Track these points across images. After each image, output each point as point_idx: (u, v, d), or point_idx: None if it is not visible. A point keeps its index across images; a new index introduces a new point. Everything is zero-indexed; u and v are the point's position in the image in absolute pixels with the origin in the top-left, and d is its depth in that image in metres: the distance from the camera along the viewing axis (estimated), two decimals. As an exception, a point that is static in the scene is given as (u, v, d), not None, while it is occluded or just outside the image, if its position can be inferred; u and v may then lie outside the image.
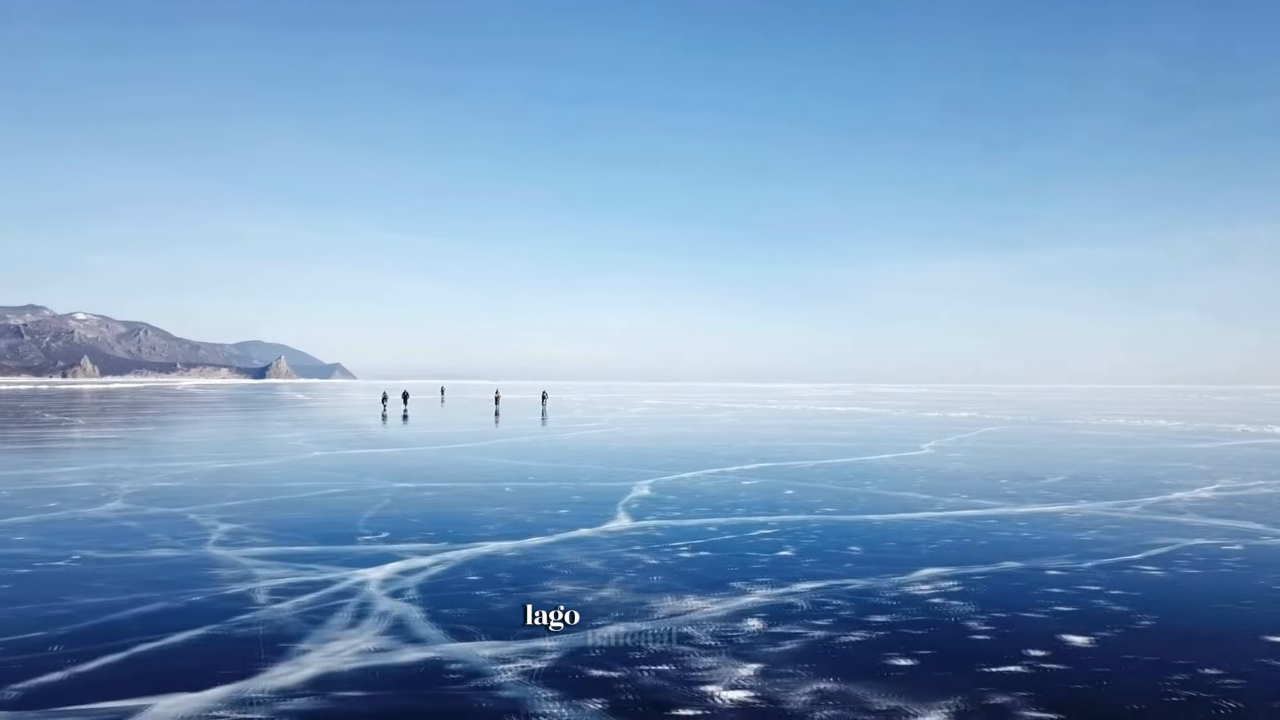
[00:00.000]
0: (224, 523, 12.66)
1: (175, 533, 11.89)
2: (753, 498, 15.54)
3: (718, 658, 6.63)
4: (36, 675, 6.19)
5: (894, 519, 13.35)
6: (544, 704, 5.70)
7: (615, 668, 6.41)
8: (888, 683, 6.10)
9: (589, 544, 11.23)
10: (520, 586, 8.94)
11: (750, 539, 11.62)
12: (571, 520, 13.00)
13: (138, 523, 12.68)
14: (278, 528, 12.33)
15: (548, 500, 15.18)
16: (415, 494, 15.97)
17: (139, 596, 8.44)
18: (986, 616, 7.85)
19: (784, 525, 12.66)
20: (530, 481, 18.04)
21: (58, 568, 9.76)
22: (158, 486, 16.63)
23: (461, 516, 13.46)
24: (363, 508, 14.23)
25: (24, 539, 11.44)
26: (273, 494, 15.78)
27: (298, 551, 10.73)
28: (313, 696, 5.84)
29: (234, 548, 10.91)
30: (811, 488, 17.05)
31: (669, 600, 8.39)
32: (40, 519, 12.92)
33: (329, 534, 11.94)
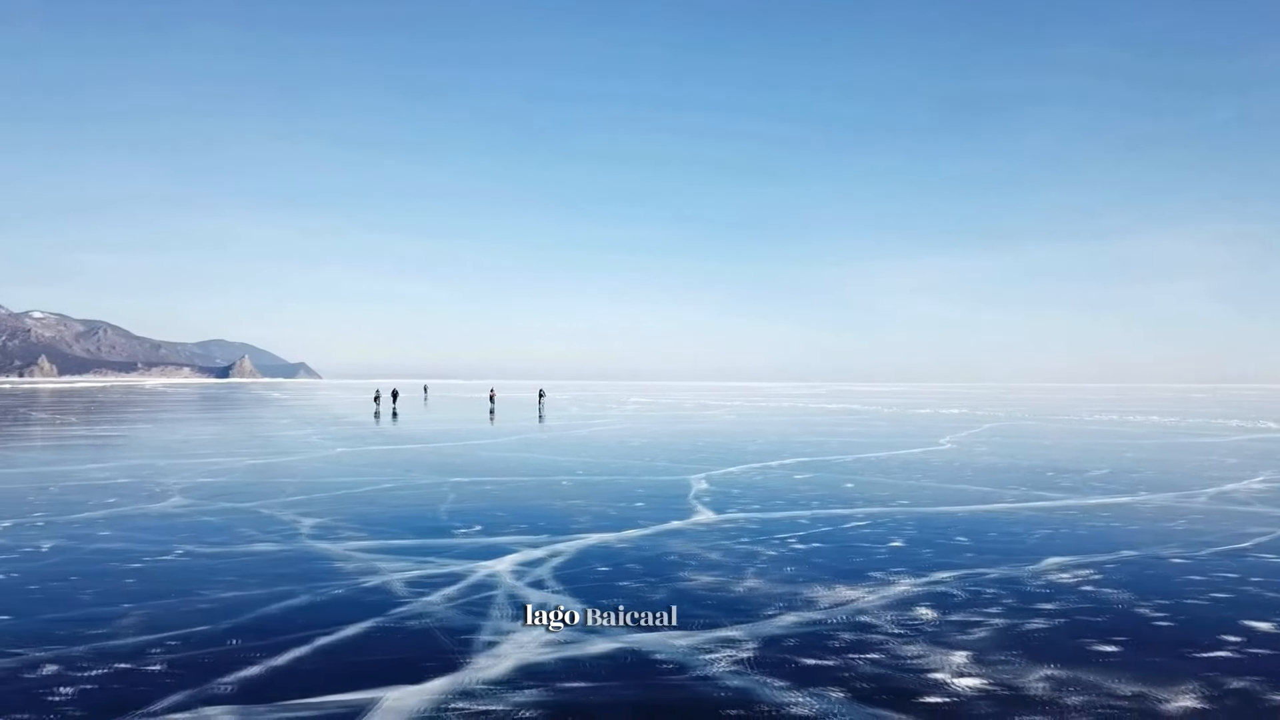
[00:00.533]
0: (303, 517, 12.40)
1: (261, 528, 11.62)
2: (817, 491, 15.51)
3: (920, 646, 6.57)
4: (234, 670, 6.01)
5: (973, 510, 13.40)
6: (781, 693, 5.60)
7: (825, 656, 6.33)
8: (1110, 669, 6.07)
9: (693, 536, 11.12)
10: (659, 577, 8.83)
11: (850, 531, 11.58)
12: (654, 513, 12.89)
13: (215, 518, 12.38)
14: (362, 522, 12.10)
15: (612, 494, 15.05)
16: (476, 488, 15.77)
17: (276, 590, 8.21)
18: (1152, 603, 7.86)
19: (871, 517, 12.63)
20: (581, 476, 17.89)
21: (169, 563, 9.49)
22: (205, 483, 16.26)
23: (540, 509, 13.30)
24: (432, 502, 14.03)
25: (110, 534, 11.13)
26: (331, 489, 15.50)
27: (401, 545, 10.52)
28: (536, 688, 5.70)
29: (333, 541, 10.68)
30: (867, 481, 17.07)
31: (820, 590, 8.32)
32: (112, 515, 12.58)
33: (419, 527, 11.74)
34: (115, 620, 7.19)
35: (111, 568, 9.20)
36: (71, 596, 8.01)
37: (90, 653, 6.32)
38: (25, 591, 8.19)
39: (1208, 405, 68.70)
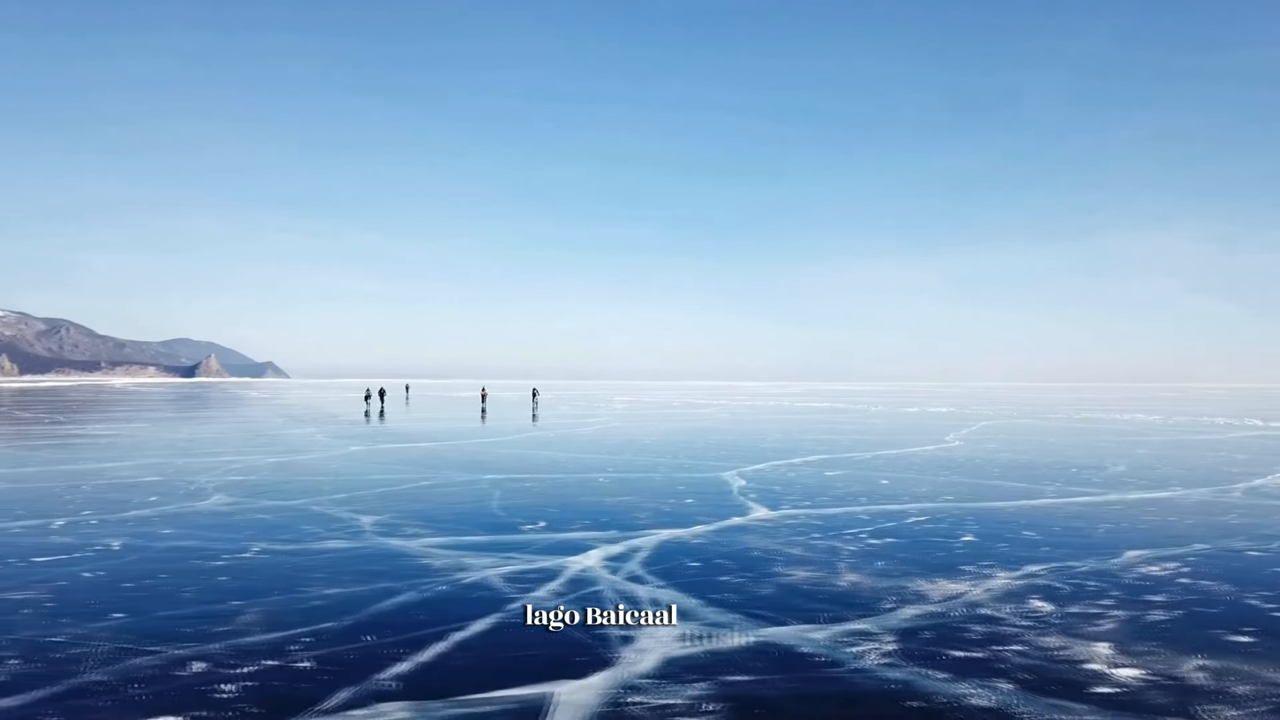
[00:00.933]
0: (359, 515, 12.29)
1: (323, 525, 11.49)
2: (857, 488, 15.59)
3: (1057, 637, 6.63)
4: (385, 666, 5.95)
5: (1021, 505, 13.54)
6: (947, 685, 5.62)
7: (969, 648, 6.36)
8: (1258, 659, 6.15)
9: (763, 532, 11.15)
10: (755, 572, 8.86)
11: (915, 526, 11.67)
12: (710, 510, 12.92)
13: (269, 516, 12.22)
14: (421, 519, 12.01)
15: (656, 491, 15.05)
16: (518, 485, 15.70)
17: (378, 588, 8.12)
18: (1259, 595, 7.98)
19: (927, 513, 12.74)
20: (613, 473, 17.87)
21: (253, 560, 9.35)
22: (238, 481, 16.04)
23: (594, 506, 13.28)
24: (481, 498, 13.96)
25: (174, 532, 10.95)
26: (370, 486, 15.35)
27: (475, 541, 10.46)
28: (698, 680, 5.68)
29: (404, 538, 10.58)
30: (901, 478, 17.19)
31: (922, 584, 8.37)
32: (163, 513, 12.41)
33: (483, 524, 11.68)
34: (234, 617, 7.07)
35: (196, 565, 9.04)
36: (174, 594, 7.86)
37: (230, 650, 6.21)
38: (124, 589, 8.02)
39: (1180, 404, 69.81)
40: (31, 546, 9.92)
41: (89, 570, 8.76)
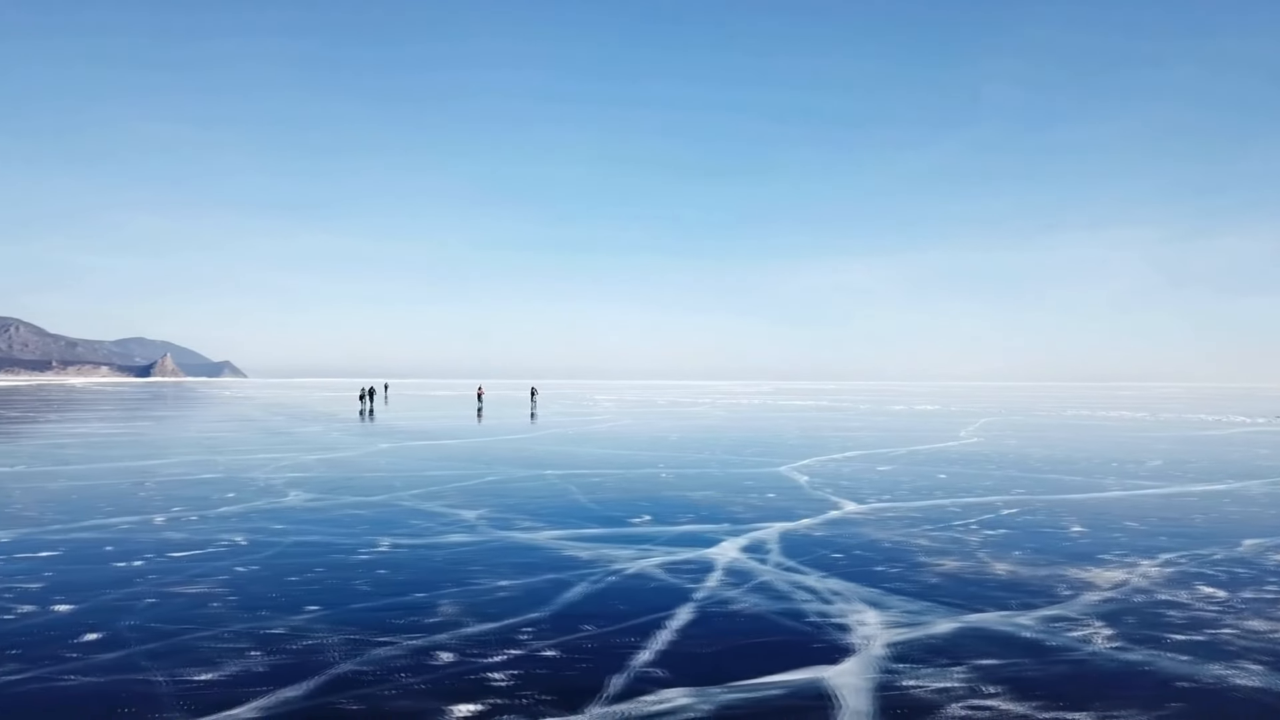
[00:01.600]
0: (455, 509, 12.26)
1: (429, 519, 11.45)
2: (921, 481, 15.82)
3: (1263, 621, 6.79)
4: (632, 654, 5.99)
5: (1100, 498, 13.86)
6: (1192, 665, 5.75)
7: (1184, 631, 6.54)
8: None
9: (873, 524, 11.29)
10: (904, 563, 8.99)
11: (1017, 518, 11.90)
12: (800, 503, 13.09)
13: (367, 511, 12.14)
14: (523, 512, 12.02)
15: (728, 486, 15.16)
16: (587, 480, 15.71)
17: (547, 579, 8.14)
18: None
19: (1017, 505, 12.97)
20: (670, 469, 17.94)
21: (396, 555, 9.31)
22: (302, 478, 15.89)
23: (683, 500, 13.34)
24: (561, 493, 13.99)
25: (287, 528, 10.83)
26: (441, 482, 15.28)
27: (597, 533, 10.51)
28: (952, 665, 5.77)
29: (524, 531, 10.58)
30: (953, 472, 17.44)
31: (1075, 571, 8.56)
32: (257, 509, 12.28)
33: (588, 517, 11.72)
34: (433, 609, 7.05)
35: (342, 559, 8.97)
36: (348, 587, 7.80)
37: (465, 640, 6.21)
38: (292, 583, 7.94)
39: (1161, 401, 71.30)
40: (155, 542, 9.76)
41: (239, 565, 8.64)
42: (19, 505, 12.44)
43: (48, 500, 12.92)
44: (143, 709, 4.90)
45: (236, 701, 5.00)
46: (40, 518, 11.38)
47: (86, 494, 13.59)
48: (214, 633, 6.32)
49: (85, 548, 9.46)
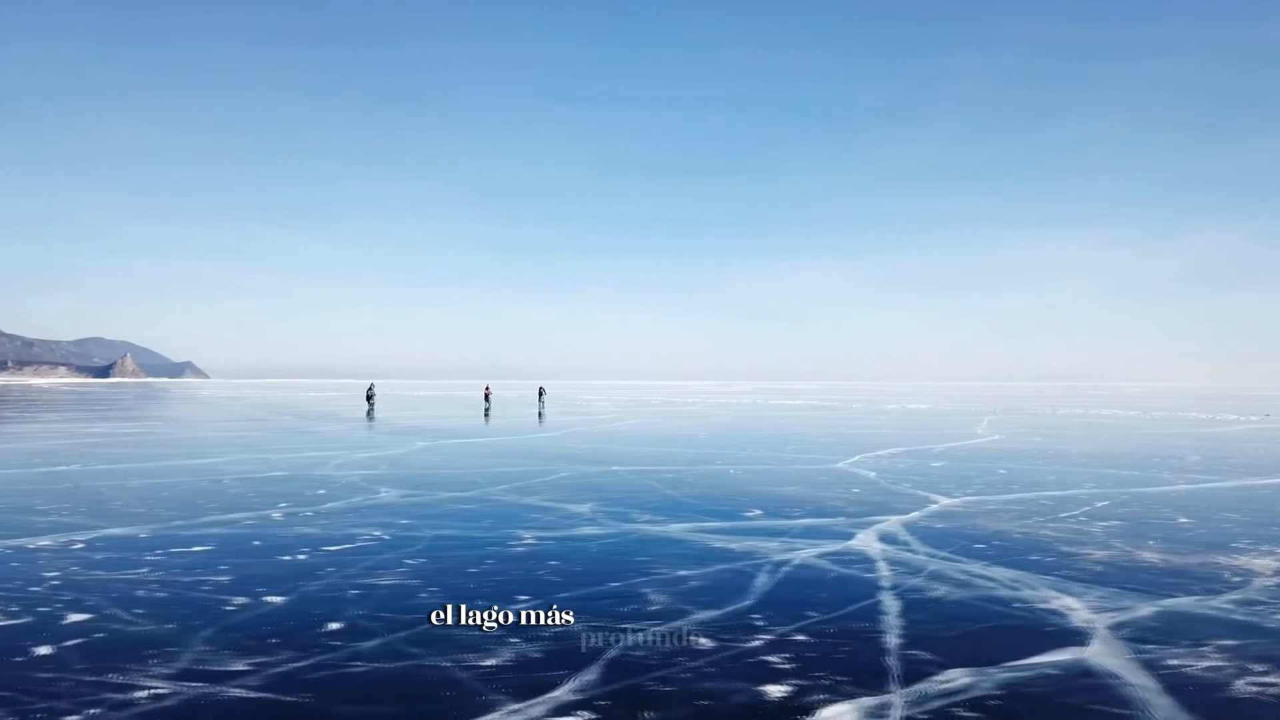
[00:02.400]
0: (562, 503, 12.31)
1: (549, 514, 11.55)
2: (985, 476, 16.14)
3: None
4: (876, 639, 6.13)
5: (1184, 490, 14.16)
6: None
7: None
8: None
9: (984, 515, 11.53)
10: (1054, 552, 9.19)
11: (1118, 510, 12.21)
12: (893, 498, 13.35)
13: (477, 506, 12.19)
14: (633, 505, 12.15)
15: (808, 481, 15.37)
16: (664, 476, 15.87)
17: (720, 569, 8.30)
18: None
19: (1099, 497, 13.31)
20: (738, 465, 18.12)
21: (551, 545, 9.40)
22: (380, 474, 15.87)
23: (778, 495, 13.53)
24: (648, 489, 14.12)
25: (414, 522, 10.84)
26: (521, 478, 15.33)
27: (725, 526, 10.67)
28: (1203, 645, 5.95)
29: (649, 524, 10.72)
30: (1010, 467, 17.81)
31: (1227, 559, 8.81)
32: (364, 505, 12.27)
33: (701, 511, 11.88)
34: (643, 596, 7.14)
35: (501, 551, 9.07)
36: (537, 578, 7.87)
37: (704, 626, 6.32)
38: (476, 574, 8.01)
39: (1138, 400, 72.62)
40: (297, 537, 9.76)
41: (406, 558, 8.68)
42: (121, 503, 12.33)
43: (145, 498, 12.81)
44: (464, 693, 4.95)
45: (549, 686, 5.07)
46: (154, 515, 11.32)
47: (177, 491, 13.48)
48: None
49: (234, 542, 9.43)
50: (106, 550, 8.99)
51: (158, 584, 7.54)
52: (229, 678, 5.17)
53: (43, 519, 10.93)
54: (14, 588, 7.40)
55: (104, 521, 10.78)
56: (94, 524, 10.58)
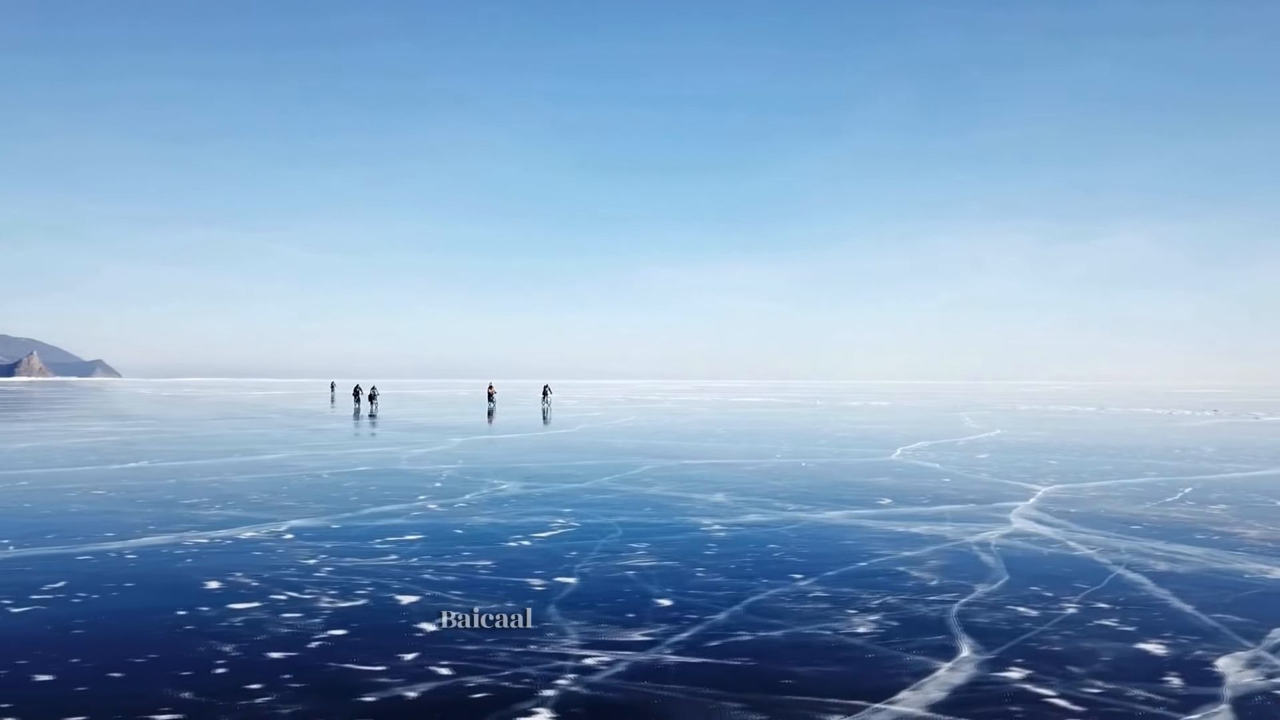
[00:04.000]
0: (694, 494, 12.64)
1: (695, 504, 11.88)
2: (1039, 466, 16.97)
3: None
4: (1156, 614, 6.63)
5: (1248, 477, 15.23)
6: None
7: None
8: None
9: (1100, 501, 12.27)
10: (1218, 532, 9.91)
11: (1215, 494, 13.08)
12: (994, 488, 14.05)
13: (613, 496, 12.54)
14: (764, 494, 12.53)
15: (887, 472, 16.04)
16: (755, 468, 16.36)
17: (927, 551, 8.75)
18: None
19: (1187, 483, 14.20)
20: (796, 459, 18.73)
21: (735, 532, 9.76)
22: (471, 467, 16.06)
23: (874, 485, 14.11)
24: (759, 480, 14.49)
25: (578, 510, 11.10)
26: (622, 470, 15.70)
27: (876, 513, 11.15)
28: None
29: (809, 512, 11.16)
30: (1060, 458, 18.71)
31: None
32: (501, 496, 12.50)
33: (831, 499, 12.34)
34: (896, 575, 7.60)
35: (706, 536, 9.44)
36: (774, 559, 8.28)
37: (982, 603, 6.78)
38: (723, 558, 8.41)
39: (1076, 397, 75.39)
40: (495, 527, 9.99)
41: (635, 543, 8.97)
42: (262, 496, 12.36)
43: (276, 492, 12.87)
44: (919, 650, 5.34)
45: (921, 674, 5.50)
46: (311, 508, 11.40)
47: (297, 486, 13.57)
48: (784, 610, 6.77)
49: (442, 531, 9.67)
50: (332, 539, 9.16)
51: (438, 569, 7.75)
52: (644, 646, 5.52)
53: (205, 513, 10.92)
54: (296, 574, 7.54)
55: (275, 514, 10.84)
56: (271, 516, 10.65)
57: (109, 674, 5.01)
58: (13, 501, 11.95)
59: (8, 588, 7.02)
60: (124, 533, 9.47)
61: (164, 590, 6.98)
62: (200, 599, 6.65)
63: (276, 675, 4.96)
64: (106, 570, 7.73)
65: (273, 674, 4.99)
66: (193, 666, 5.11)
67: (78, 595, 6.79)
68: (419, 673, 5.02)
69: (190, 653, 5.37)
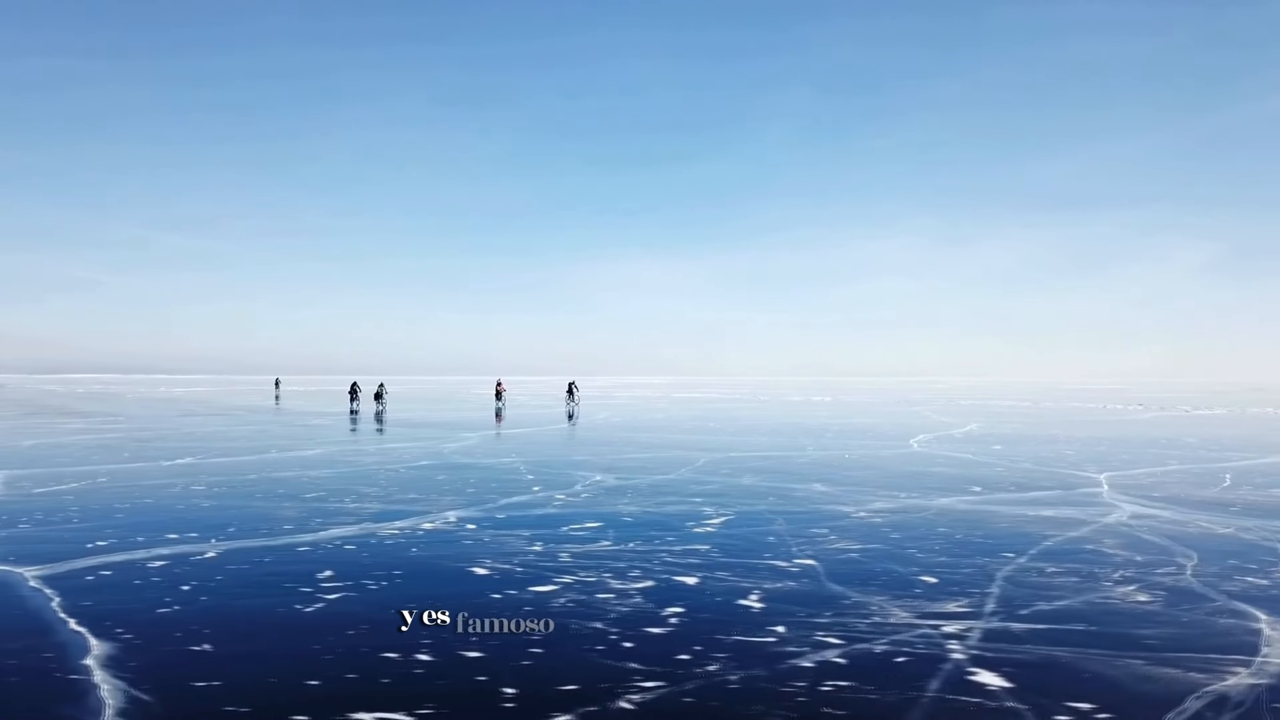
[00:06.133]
0: (797, 484, 13.13)
1: (801, 491, 12.34)
2: (1067, 456, 17.97)
3: None
4: None
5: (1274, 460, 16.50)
6: None
7: None
8: None
9: (1183, 484, 13.20)
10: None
11: (1256, 478, 14.17)
12: (1059, 475, 14.78)
13: (714, 484, 12.86)
14: (862, 484, 13.10)
15: (934, 462, 16.79)
16: (796, 461, 16.95)
17: (1080, 534, 9.45)
18: None
19: (1223, 470, 15.28)
20: (837, 452, 19.35)
21: (886, 518, 10.27)
22: (535, 461, 16.16)
23: (942, 475, 14.83)
24: (831, 472, 15.04)
25: (705, 499, 11.43)
26: (689, 463, 16.09)
27: (987, 498, 11.77)
28: None
29: (931, 498, 11.71)
30: (1080, 451, 19.75)
31: None
32: (596, 489, 12.78)
33: (926, 486, 12.94)
34: (1092, 550, 8.26)
35: (862, 520, 9.90)
36: (926, 545, 8.78)
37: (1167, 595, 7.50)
38: (925, 544, 8.90)
39: (1001, 394, 78.46)
40: (648, 517, 10.28)
41: (787, 531, 9.41)
42: (378, 489, 12.37)
43: (380, 488, 12.89)
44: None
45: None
46: (439, 501, 11.45)
47: (387, 482, 13.62)
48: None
49: (619, 521, 9.91)
50: (516, 528, 9.35)
51: (675, 553, 8.05)
52: (970, 616, 5.97)
53: (354, 507, 10.93)
54: (545, 558, 7.72)
55: (421, 505, 10.91)
56: (420, 508, 10.70)
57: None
58: (133, 498, 11.62)
59: (266, 578, 7.10)
60: (300, 526, 9.48)
61: (456, 578, 7.15)
62: (519, 584, 6.87)
63: (719, 652, 5.27)
64: (377, 558, 7.84)
65: (717, 650, 5.30)
66: (639, 641, 5.38)
67: (366, 584, 6.89)
68: (817, 641, 5.41)
69: (632, 634, 5.61)
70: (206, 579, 7.03)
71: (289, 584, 6.88)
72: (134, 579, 7.04)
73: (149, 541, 8.59)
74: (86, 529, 9.31)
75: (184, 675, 4.77)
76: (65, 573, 7.24)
